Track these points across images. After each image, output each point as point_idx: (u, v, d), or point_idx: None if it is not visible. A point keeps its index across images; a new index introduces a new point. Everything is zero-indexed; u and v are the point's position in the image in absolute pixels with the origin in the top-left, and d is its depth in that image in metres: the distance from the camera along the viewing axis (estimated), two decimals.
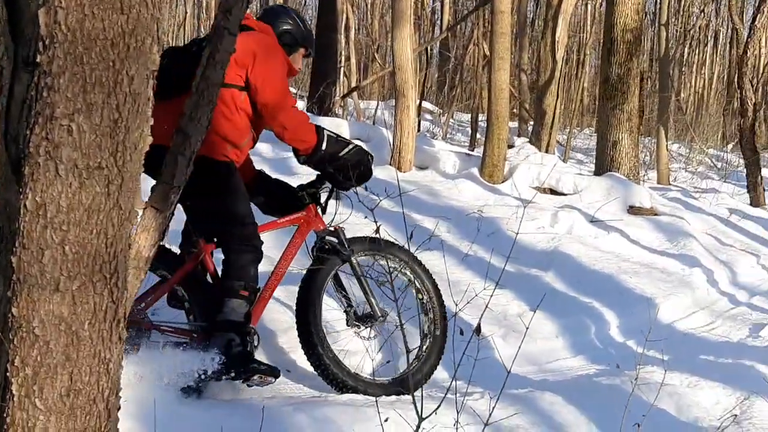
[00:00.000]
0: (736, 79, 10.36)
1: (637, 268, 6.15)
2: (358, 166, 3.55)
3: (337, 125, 8.25)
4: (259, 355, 3.41)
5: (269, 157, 8.16)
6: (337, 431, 2.63)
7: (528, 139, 10.93)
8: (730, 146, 16.07)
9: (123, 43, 1.63)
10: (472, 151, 10.23)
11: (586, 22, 19.90)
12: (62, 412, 1.67)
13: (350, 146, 3.59)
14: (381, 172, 7.62)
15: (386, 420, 2.12)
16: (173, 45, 4.04)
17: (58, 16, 1.56)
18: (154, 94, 2.57)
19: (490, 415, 2.07)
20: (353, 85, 11.01)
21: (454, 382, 2.05)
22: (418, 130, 13.47)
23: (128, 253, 1.83)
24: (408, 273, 3.74)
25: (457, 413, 2.16)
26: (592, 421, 3.29)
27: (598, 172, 8.39)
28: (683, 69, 25.60)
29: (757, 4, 9.60)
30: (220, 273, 3.35)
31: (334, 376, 3.37)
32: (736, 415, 3.44)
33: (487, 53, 9.40)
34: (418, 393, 3.23)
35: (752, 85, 9.72)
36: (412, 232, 1.98)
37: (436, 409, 2.07)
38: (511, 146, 8.77)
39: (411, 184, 7.25)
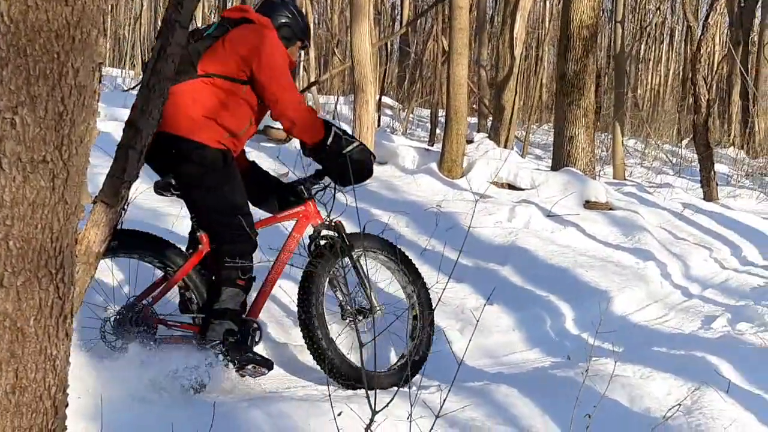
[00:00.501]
0: (689, 76, 10.51)
1: (593, 262, 6.23)
2: (360, 165, 3.60)
3: None
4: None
5: None
6: (293, 427, 2.62)
7: (487, 135, 11.00)
8: (685, 142, 16.34)
9: (68, 35, 1.60)
10: (432, 146, 10.26)
11: (544, 19, 20.05)
12: (8, 409, 1.64)
13: (355, 143, 3.63)
14: None
15: (339, 414, 2.12)
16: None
17: (1, 7, 1.53)
18: None
19: (441, 407, 2.08)
20: (312, 79, 10.96)
21: (408, 376, 2.05)
22: (378, 126, 13.50)
23: (76, 248, 1.80)
24: (395, 268, 3.82)
25: (411, 406, 2.16)
26: (546, 413, 3.32)
27: (555, 167, 8.49)
28: (639, 66, 25.99)
29: (710, 2, 9.78)
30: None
31: (338, 370, 3.42)
32: (686, 405, 3.49)
33: (447, 48, 9.42)
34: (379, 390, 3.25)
35: (705, 82, 9.88)
36: (364, 226, 1.97)
37: (389, 402, 2.07)
38: (470, 141, 8.82)
39: (370, 179, 7.25)
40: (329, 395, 2.13)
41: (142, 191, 3.93)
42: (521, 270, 5.84)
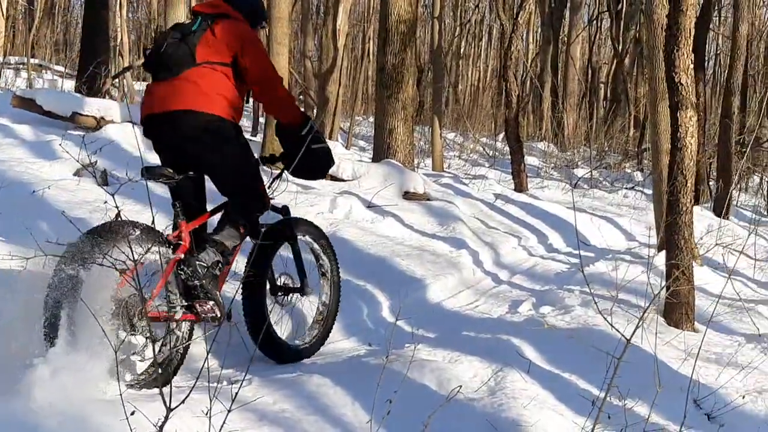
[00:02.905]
0: (501, 73, 11.02)
1: (410, 251, 6.39)
2: (320, 163, 4.02)
3: (106, 107, 7.83)
4: None
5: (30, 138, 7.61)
6: (83, 430, 2.48)
7: None
8: (500, 135, 17.12)
9: None
10: (255, 136, 10.12)
11: (370, 12, 20.35)
12: None
13: (324, 144, 4.03)
14: (155, 157, 7.34)
15: (132, 413, 2.03)
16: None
17: None
18: (152, 75, 3.68)
19: (233, 401, 2.04)
20: (126, 65, 10.49)
21: (206, 369, 1.99)
22: None
23: None
24: (317, 248, 4.32)
25: (210, 401, 2.10)
26: (357, 400, 3.36)
27: (376, 158, 8.62)
28: (460, 62, 26.98)
29: (519, 2, 10.28)
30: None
31: (273, 344, 3.91)
32: (490, 386, 3.65)
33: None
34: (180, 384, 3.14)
35: (516, 79, 10.39)
36: (153, 217, 1.89)
37: (184, 399, 2.00)
38: None
39: (319, 180, 7.07)
40: (120, 395, 2.03)
41: None
42: (342, 260, 5.85)
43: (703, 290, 5.80)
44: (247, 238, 3.92)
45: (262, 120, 11.19)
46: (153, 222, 1.94)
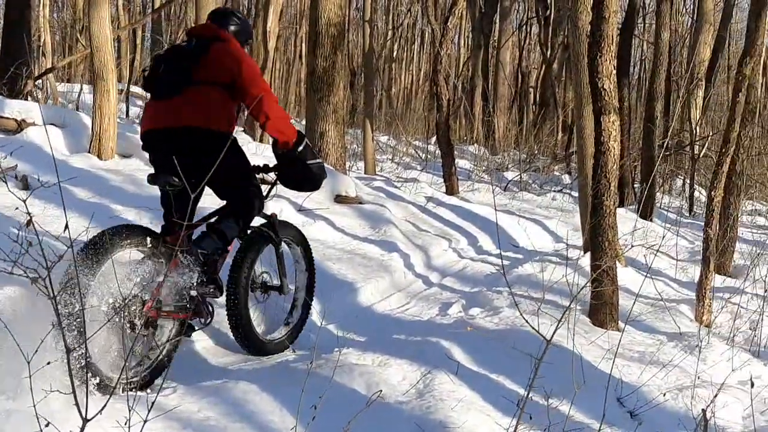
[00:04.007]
0: (431, 76, 11.09)
1: (341, 255, 6.38)
2: (314, 177, 4.32)
3: (27, 109, 7.59)
4: None
5: None
6: None
7: (242, 129, 10.89)
8: (433, 139, 17.22)
9: None
10: None
11: (302, 14, 20.27)
12: None
13: (318, 160, 4.33)
14: (79, 161, 7.16)
15: (47, 425, 1.96)
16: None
17: None
18: (152, 94, 4.03)
19: (149, 410, 1.99)
20: (49, 66, 10.19)
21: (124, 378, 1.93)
22: (127, 116, 12.88)
23: None
24: (298, 251, 4.67)
25: (130, 410, 2.05)
26: (284, 406, 3.32)
27: None
28: (393, 65, 27.11)
29: (449, 7, 10.37)
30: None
31: (248, 339, 4.26)
32: (419, 389, 3.66)
33: None
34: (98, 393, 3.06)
35: (447, 83, 10.47)
36: (66, 223, 1.83)
37: (102, 409, 1.95)
38: None
39: (112, 173, 6.88)
40: (34, 405, 1.96)
41: None
42: (270, 264, 5.83)
43: (627, 290, 5.94)
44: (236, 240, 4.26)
45: None
46: (66, 226, 1.88)
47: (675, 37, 17.29)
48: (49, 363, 2.18)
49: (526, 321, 2.65)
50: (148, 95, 4.17)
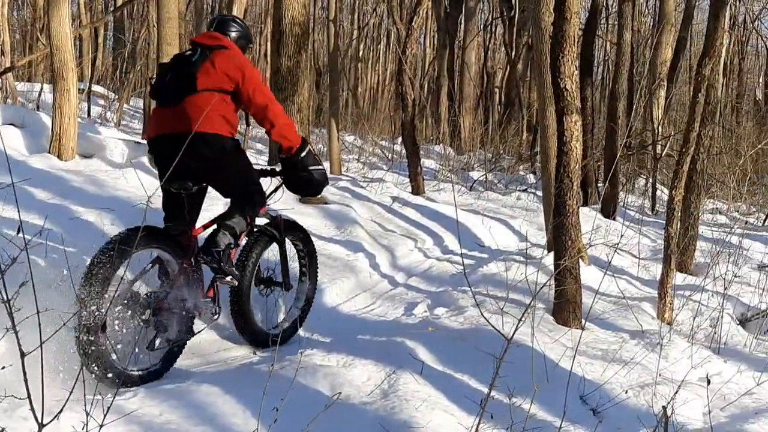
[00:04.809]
0: (396, 76, 11.08)
1: None
2: (316, 183, 4.57)
3: None
4: None
5: None
6: None
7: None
8: (400, 138, 17.21)
9: None
10: (144, 139, 9.83)
11: (266, 13, 20.13)
12: None
13: (320, 167, 4.57)
14: (39, 161, 7.04)
15: (2, 430, 1.92)
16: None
17: None
18: (158, 101, 4.24)
19: (105, 415, 1.96)
20: (8, 65, 10.01)
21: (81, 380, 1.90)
22: (89, 116, 12.71)
23: None
24: (302, 251, 5.00)
25: (87, 415, 2.01)
26: (248, 408, 3.30)
27: (272, 162, 8.52)
28: (360, 65, 27.07)
29: (414, 7, 10.38)
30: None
31: (251, 331, 4.61)
32: (383, 389, 3.65)
33: None
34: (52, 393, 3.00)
35: (412, 83, 10.47)
36: (19, 226, 1.79)
37: (58, 414, 1.91)
38: None
39: (72, 173, 6.78)
40: None
41: None
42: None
43: (590, 289, 5.99)
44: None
45: None
46: (20, 226, 1.84)
47: (637, 38, 17.50)
48: (3, 368, 2.14)
49: (488, 321, 2.65)
50: (154, 102, 4.40)
